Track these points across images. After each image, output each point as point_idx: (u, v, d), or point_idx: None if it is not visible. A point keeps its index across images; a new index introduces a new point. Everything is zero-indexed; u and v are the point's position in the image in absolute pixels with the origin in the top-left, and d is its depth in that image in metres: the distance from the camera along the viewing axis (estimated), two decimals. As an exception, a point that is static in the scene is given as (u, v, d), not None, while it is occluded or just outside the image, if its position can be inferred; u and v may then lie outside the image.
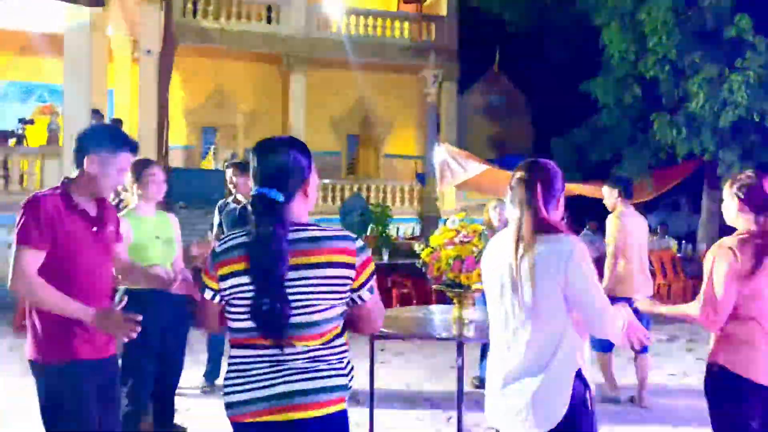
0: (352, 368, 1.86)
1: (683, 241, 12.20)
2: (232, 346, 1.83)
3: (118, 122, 11.68)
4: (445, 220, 4.10)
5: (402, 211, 15.00)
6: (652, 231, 15.03)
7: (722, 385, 2.43)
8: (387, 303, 8.77)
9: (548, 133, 13.81)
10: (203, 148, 16.13)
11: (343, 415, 1.79)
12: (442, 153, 10.80)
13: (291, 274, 1.71)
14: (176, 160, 14.23)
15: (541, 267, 2.00)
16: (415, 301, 8.38)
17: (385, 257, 9.90)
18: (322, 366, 1.76)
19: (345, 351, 1.83)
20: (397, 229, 13.23)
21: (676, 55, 9.84)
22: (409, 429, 4.28)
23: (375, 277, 1.83)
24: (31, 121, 13.27)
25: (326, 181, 15.50)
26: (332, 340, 1.78)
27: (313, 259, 1.73)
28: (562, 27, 13.49)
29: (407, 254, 10.45)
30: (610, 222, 4.82)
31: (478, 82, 19.04)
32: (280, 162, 1.80)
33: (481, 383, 5.26)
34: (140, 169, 3.50)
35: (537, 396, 2.01)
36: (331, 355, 1.78)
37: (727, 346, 2.42)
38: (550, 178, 2.15)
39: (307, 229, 1.77)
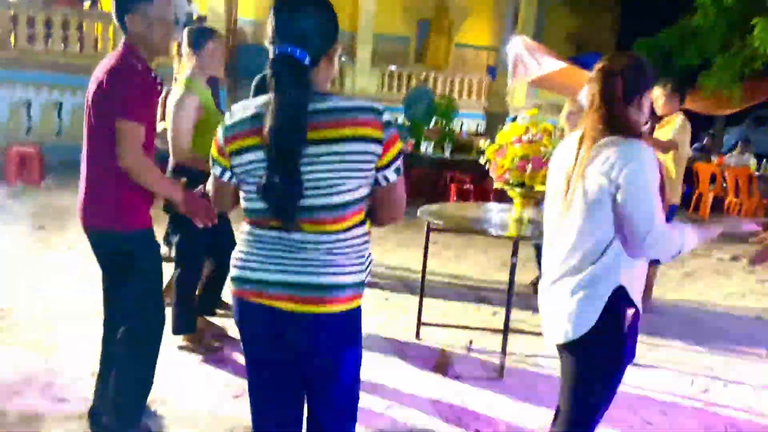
0: (370, 262, 1.69)
1: (764, 160, 11.54)
2: (248, 224, 1.68)
3: (201, 20, 11.45)
4: (513, 118, 3.96)
5: (468, 105, 14.61)
6: (733, 146, 14.24)
7: None
8: (445, 198, 8.79)
9: (633, 33, 12.88)
10: (272, 23, 15.84)
11: (355, 313, 1.65)
12: (518, 45, 10.25)
13: (310, 150, 1.51)
14: (244, 36, 14.08)
15: (598, 168, 1.84)
16: (473, 199, 8.35)
17: (447, 152, 9.79)
18: (340, 260, 1.59)
19: (366, 243, 1.65)
20: (462, 124, 12.98)
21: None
22: (456, 318, 4.41)
23: (401, 157, 1.63)
24: (106, -15, 13.28)
25: (392, 67, 15.12)
26: (353, 228, 1.60)
27: (335, 133, 1.52)
28: None
29: (469, 150, 10.31)
30: (680, 121, 4.58)
31: (563, -29, 17.69)
32: (310, 17, 1.54)
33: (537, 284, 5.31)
34: (203, 38, 3.33)
35: (568, 303, 1.93)
36: (351, 247, 1.61)
37: None
38: (635, 72, 1.93)
39: (328, 100, 1.55)
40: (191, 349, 3.49)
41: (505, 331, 3.53)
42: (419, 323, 4.02)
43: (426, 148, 9.99)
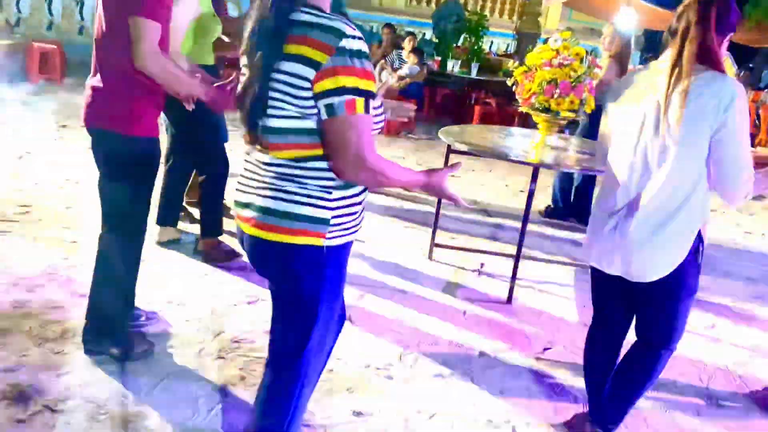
0: (351, 205, 1.54)
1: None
2: None
3: None
4: (545, 40, 3.80)
5: (499, 23, 14.09)
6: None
7: None
8: (468, 119, 8.63)
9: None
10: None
11: (311, 251, 1.51)
12: (555, -37, 9.77)
13: (277, 65, 1.40)
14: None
15: (696, 104, 1.80)
16: (497, 122, 8.20)
17: (474, 72, 9.53)
18: (292, 187, 1.48)
19: (330, 179, 1.48)
20: (491, 43, 12.56)
21: None
22: (470, 242, 4.44)
23: (357, 98, 1.39)
24: None
25: (423, -21, 14.52)
26: (306, 160, 1.46)
27: (293, 49, 1.39)
28: None
29: (497, 71, 10.02)
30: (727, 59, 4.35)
31: None
32: None
33: (551, 213, 5.28)
34: None
35: (657, 241, 1.93)
36: (306, 178, 1.47)
37: None
38: (728, 7, 1.89)
39: (308, 13, 1.41)
40: (209, 254, 3.56)
41: (517, 256, 3.55)
42: (432, 244, 4.05)
43: (453, 66, 9.74)
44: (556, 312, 3.48)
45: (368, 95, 1.41)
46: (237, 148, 2.29)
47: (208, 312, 2.97)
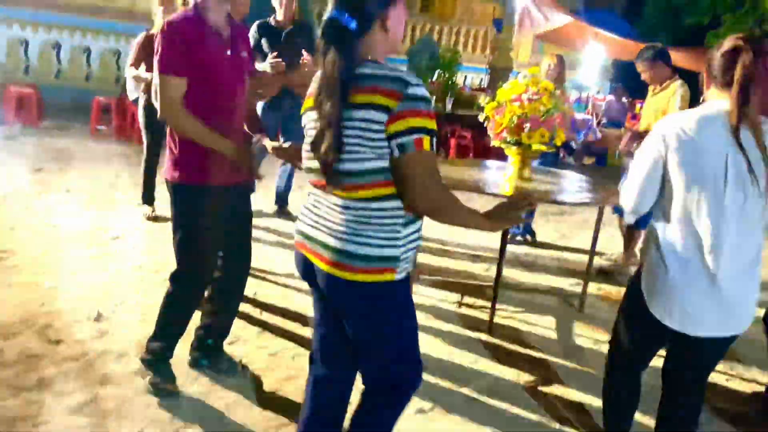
0: (412, 241, 1.69)
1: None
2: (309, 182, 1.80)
3: None
4: (517, 73, 3.92)
5: (472, 58, 14.39)
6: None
7: None
8: (445, 152, 8.74)
9: (644, -12, 12.60)
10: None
11: (386, 287, 1.66)
12: (525, -1, 10.08)
13: (347, 113, 1.57)
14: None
15: None
16: (472, 155, 8.33)
17: (449, 106, 9.71)
18: (368, 230, 1.62)
19: (399, 218, 1.63)
20: (465, 77, 12.81)
21: None
22: (447, 274, 4.48)
23: (424, 136, 1.55)
24: None
25: (398, 17, 14.82)
26: (381, 199, 1.61)
27: (363, 98, 1.55)
28: None
29: (471, 105, 10.21)
30: (681, 92, 4.38)
31: None
32: None
33: (525, 241, 5.37)
34: None
35: (751, 293, 1.95)
36: (380, 218, 1.62)
37: None
38: None
39: (370, 66, 1.59)
40: None
41: (495, 287, 3.59)
42: (416, 275, 4.08)
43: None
44: (534, 342, 3.51)
45: (433, 133, 1.58)
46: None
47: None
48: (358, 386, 1.89)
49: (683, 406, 2.15)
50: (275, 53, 3.85)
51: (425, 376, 2.95)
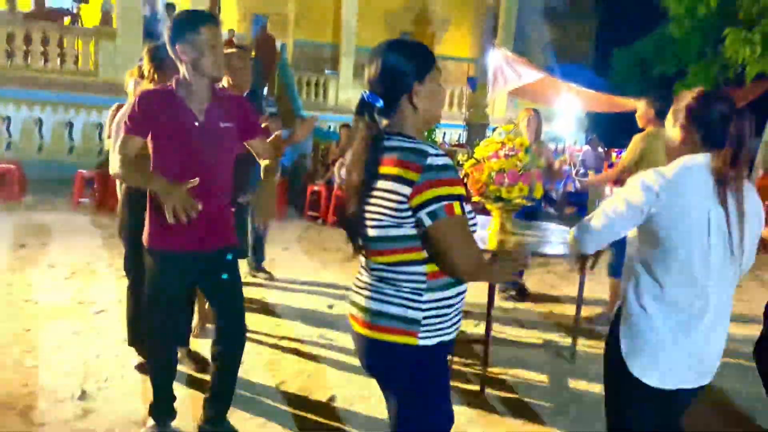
0: (445, 307, 1.71)
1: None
2: None
3: (170, 7, 11.55)
4: (494, 129, 4.03)
5: (450, 116, 14.74)
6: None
7: None
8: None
9: (611, 42, 13.11)
10: (253, 35, 15.93)
11: (406, 350, 1.68)
12: (497, 57, 10.41)
13: (371, 184, 1.66)
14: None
15: (755, 213, 1.93)
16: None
17: (429, 162, 9.87)
18: (388, 289, 1.70)
19: (421, 282, 1.68)
20: (444, 134, 13.07)
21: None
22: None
23: (454, 202, 1.61)
24: (86, 0, 13.25)
25: (375, 79, 15.22)
26: (402, 264, 1.68)
27: (386, 170, 1.64)
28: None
29: (452, 161, 10.39)
30: (636, 142, 4.53)
31: (542, -18, 17.95)
32: (379, 65, 1.70)
33: (512, 296, 5.36)
34: (162, 57, 3.20)
35: (721, 345, 1.98)
36: (401, 281, 1.69)
37: None
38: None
39: (396, 139, 1.67)
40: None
41: (486, 344, 3.57)
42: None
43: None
44: (529, 397, 3.47)
45: (461, 198, 1.64)
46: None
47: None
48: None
49: None
50: None
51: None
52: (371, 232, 1.69)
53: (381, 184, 1.64)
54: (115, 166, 2.45)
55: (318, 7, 15.87)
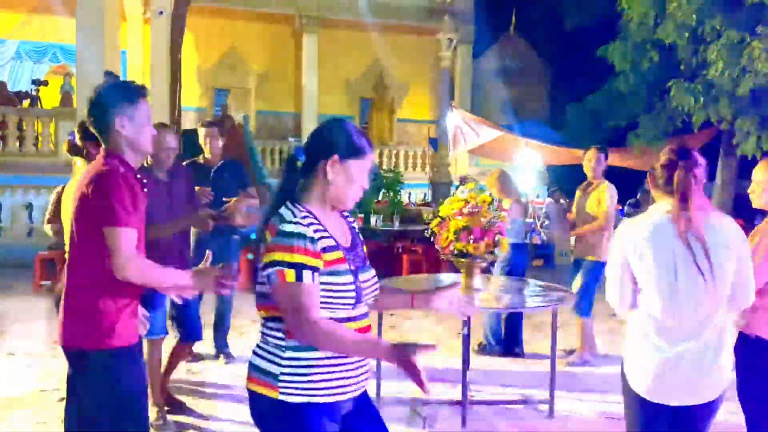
0: (306, 367, 1.71)
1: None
2: None
3: (110, 75, 11.58)
4: (458, 186, 4.11)
5: (414, 176, 14.97)
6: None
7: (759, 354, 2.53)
8: (397, 270, 8.84)
9: (564, 98, 13.63)
10: (215, 110, 16.11)
11: (270, 402, 1.72)
12: (456, 118, 10.72)
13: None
14: (189, 122, 14.24)
15: (716, 244, 2.15)
16: (425, 268, 8.43)
17: (396, 223, 9.94)
18: (261, 343, 1.82)
19: (280, 339, 1.74)
20: (409, 194, 13.24)
21: (696, 21, 9.59)
22: (416, 392, 4.37)
23: (286, 269, 1.66)
24: (45, 82, 13.32)
25: (339, 144, 15.47)
26: (269, 320, 1.78)
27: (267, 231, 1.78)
28: (580, -11, 13.19)
29: (418, 220, 10.49)
30: (607, 191, 4.88)
31: (494, 45, 18.73)
32: (319, 128, 1.85)
33: (484, 349, 5.33)
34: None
35: (710, 366, 2.18)
36: (268, 336, 1.79)
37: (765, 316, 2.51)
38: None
39: (288, 205, 1.77)
40: None
41: (464, 405, 3.52)
42: (377, 397, 3.97)
43: (376, 221, 10.12)
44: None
45: (298, 267, 1.67)
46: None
47: None
48: None
49: None
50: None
51: None
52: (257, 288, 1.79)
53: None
54: (130, 270, 2.11)
55: (278, 78, 16.22)
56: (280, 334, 1.75)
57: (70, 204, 2.24)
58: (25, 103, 12.56)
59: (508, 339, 5.30)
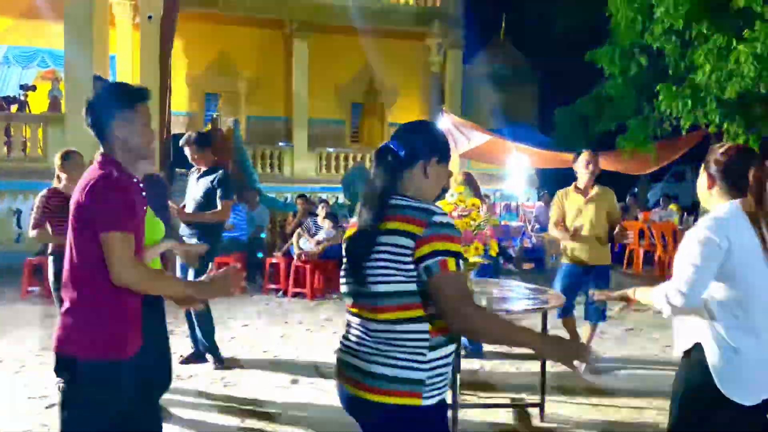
0: (443, 366, 1.71)
1: (684, 213, 12.21)
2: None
3: (98, 79, 11.54)
4: (446, 190, 4.12)
5: (405, 180, 15.00)
6: (657, 202, 15.01)
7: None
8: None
9: (553, 102, 13.70)
10: (205, 114, 16.07)
11: (412, 412, 1.66)
12: (446, 122, 10.77)
13: (378, 239, 1.72)
14: (178, 127, 14.19)
15: None
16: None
17: (387, 227, 9.94)
18: (391, 350, 1.68)
19: (423, 340, 1.68)
20: (400, 198, 13.22)
21: (684, 25, 9.68)
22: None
23: (449, 258, 1.66)
24: (33, 87, 13.23)
25: (330, 149, 15.48)
26: (405, 322, 1.67)
27: (391, 225, 1.71)
28: (569, -6, 13.27)
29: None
30: (614, 196, 4.93)
31: (484, 50, 18.82)
32: (421, 130, 1.90)
33: (467, 353, 5.28)
34: None
35: None
36: (404, 340, 1.67)
37: None
38: None
39: (405, 200, 1.76)
40: None
41: (455, 409, 3.52)
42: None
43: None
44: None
45: (458, 256, 1.69)
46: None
47: None
48: None
49: None
50: None
51: None
52: (376, 288, 1.70)
53: (388, 239, 1.70)
54: (130, 276, 2.03)
55: (268, 83, 16.20)
56: (422, 335, 1.68)
57: (71, 212, 2.16)
58: (13, 108, 12.47)
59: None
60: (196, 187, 5.08)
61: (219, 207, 4.95)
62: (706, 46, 9.52)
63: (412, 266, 1.67)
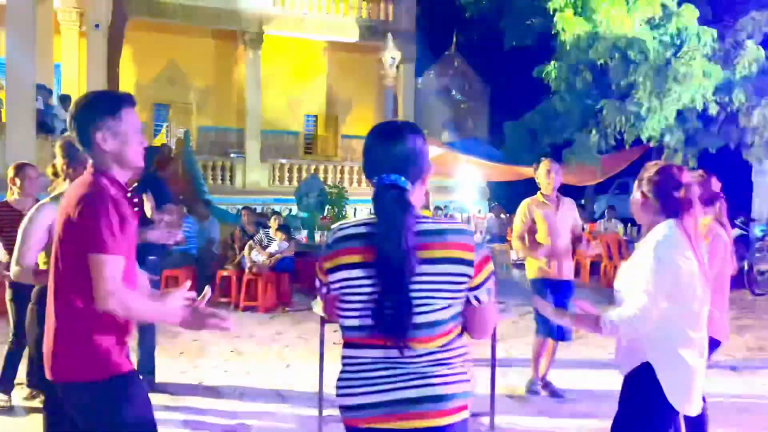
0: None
1: (629, 224, 12.61)
2: (345, 345, 1.72)
3: (66, 99, 11.32)
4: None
5: (359, 192, 15.01)
6: (602, 214, 15.45)
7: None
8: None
9: (503, 116, 14.01)
10: (155, 125, 15.79)
11: (464, 424, 1.68)
12: (398, 135, 10.86)
13: (418, 268, 1.60)
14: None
15: None
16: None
17: (340, 239, 9.94)
18: (444, 370, 1.65)
19: (466, 354, 1.71)
20: (354, 210, 13.27)
21: (626, 43, 10.08)
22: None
23: (494, 278, 1.69)
24: (-27, 95, 12.74)
25: (283, 161, 15.42)
26: (452, 341, 1.68)
27: (437, 254, 1.61)
28: (519, 11, 13.62)
29: (362, 236, 10.55)
30: (575, 205, 4.82)
31: (436, 64, 19.11)
32: (407, 148, 1.70)
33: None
34: (76, 151, 3.06)
35: None
36: (453, 358, 1.67)
37: None
38: None
39: (427, 221, 1.67)
40: None
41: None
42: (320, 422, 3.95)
43: (320, 236, 10.10)
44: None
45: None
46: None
47: None
48: None
49: None
50: None
51: None
52: (424, 318, 1.61)
53: (431, 267, 1.60)
54: (108, 302, 1.90)
55: (220, 93, 16.05)
56: (464, 350, 1.71)
57: (59, 226, 2.02)
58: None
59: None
60: None
61: None
62: (645, 63, 9.94)
63: (460, 293, 1.65)
